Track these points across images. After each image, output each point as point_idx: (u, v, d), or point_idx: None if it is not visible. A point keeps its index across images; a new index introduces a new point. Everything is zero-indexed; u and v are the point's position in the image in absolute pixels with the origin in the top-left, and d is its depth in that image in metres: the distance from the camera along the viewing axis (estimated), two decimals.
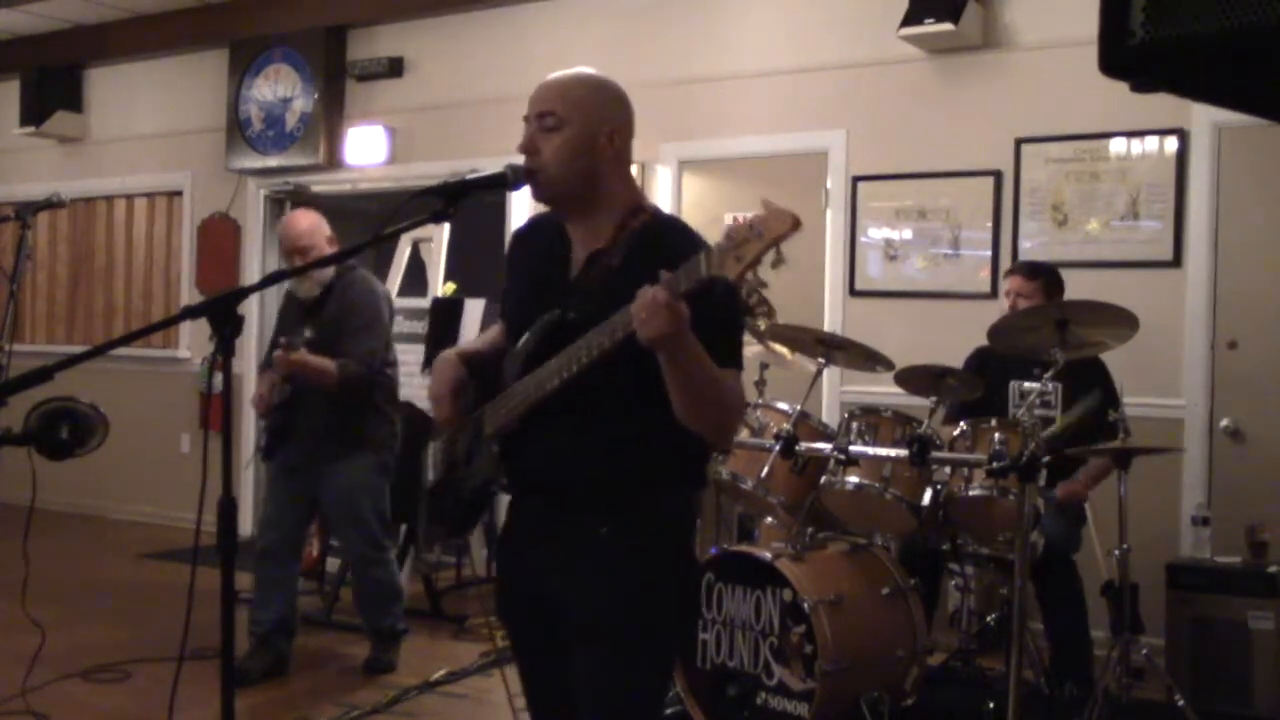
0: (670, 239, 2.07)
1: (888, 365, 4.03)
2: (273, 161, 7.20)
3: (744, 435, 3.98)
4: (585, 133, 2.06)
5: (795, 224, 1.76)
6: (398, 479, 4.91)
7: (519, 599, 2.21)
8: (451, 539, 5.82)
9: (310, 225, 4.37)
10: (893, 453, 3.76)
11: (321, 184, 7.16)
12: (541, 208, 2.20)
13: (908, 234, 5.39)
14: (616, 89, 2.15)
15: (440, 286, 6.44)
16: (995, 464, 3.50)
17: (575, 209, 2.12)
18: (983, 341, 4.14)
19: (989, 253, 5.18)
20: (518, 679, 2.39)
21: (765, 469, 3.83)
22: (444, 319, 5.94)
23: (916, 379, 3.98)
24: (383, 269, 6.83)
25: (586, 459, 2.05)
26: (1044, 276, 4.36)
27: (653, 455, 2.06)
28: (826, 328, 5.26)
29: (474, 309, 5.96)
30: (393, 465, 4.60)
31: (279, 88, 7.17)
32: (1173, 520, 4.72)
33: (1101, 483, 4.25)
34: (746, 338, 4.17)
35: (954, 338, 4.73)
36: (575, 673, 2.09)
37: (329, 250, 4.32)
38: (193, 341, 7.61)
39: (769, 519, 4.17)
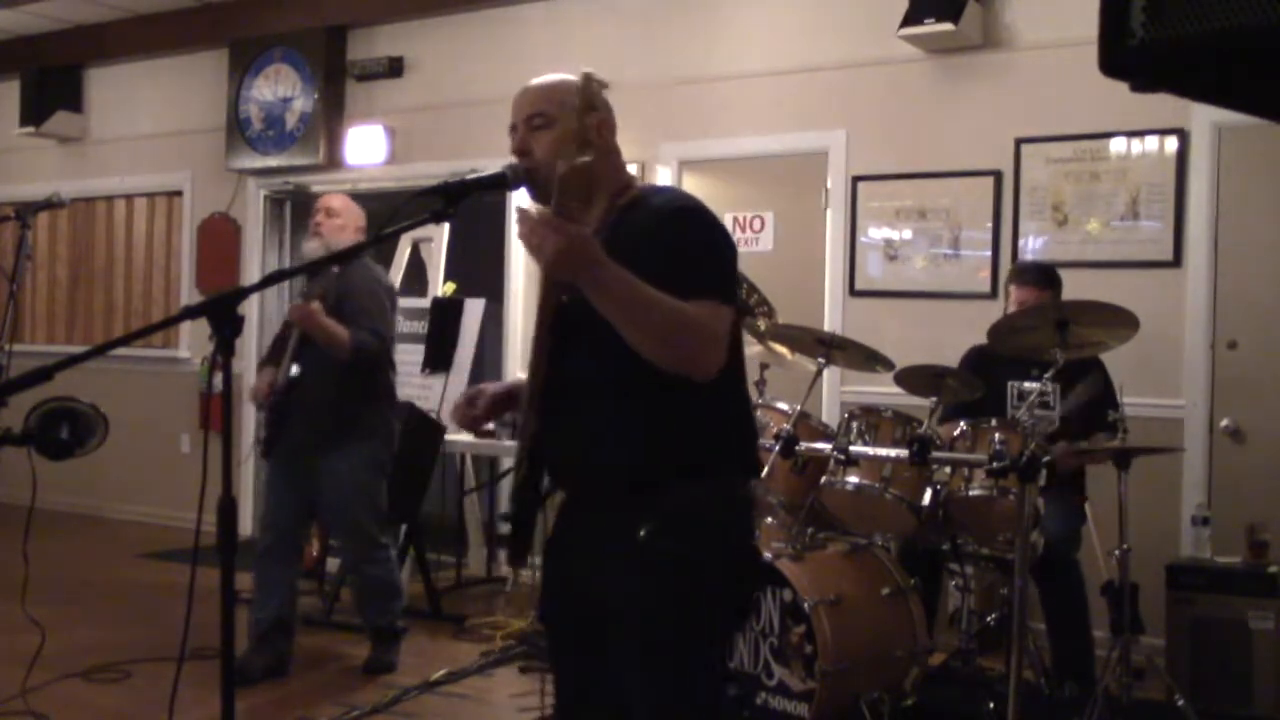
0: (649, 202, 2.09)
1: (888, 365, 4.03)
2: (273, 161, 7.21)
3: None
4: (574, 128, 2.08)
5: (584, 81, 1.93)
6: (401, 479, 4.90)
7: (561, 606, 2.20)
8: (515, 567, 5.82)
9: (346, 202, 4.55)
10: (893, 453, 3.76)
11: (321, 184, 7.16)
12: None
13: (908, 234, 5.39)
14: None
15: (440, 286, 6.44)
16: (995, 464, 3.50)
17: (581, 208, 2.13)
18: (982, 341, 4.13)
19: (989, 253, 5.18)
20: (518, 680, 2.38)
21: (765, 469, 3.83)
22: (444, 319, 5.94)
23: (916, 379, 3.98)
24: (383, 269, 6.83)
25: (616, 444, 2.03)
26: (1056, 286, 4.33)
27: (687, 438, 2.02)
28: (826, 328, 5.26)
29: (474, 309, 5.96)
30: (388, 463, 4.59)
31: (279, 88, 7.17)
32: (1173, 520, 4.72)
33: (1098, 466, 4.23)
34: (746, 338, 4.17)
35: (954, 338, 4.73)
36: (623, 683, 2.06)
37: (354, 231, 4.47)
38: (193, 341, 7.61)
39: (769, 519, 4.17)
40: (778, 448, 3.84)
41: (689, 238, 2.03)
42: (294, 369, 4.29)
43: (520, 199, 6.91)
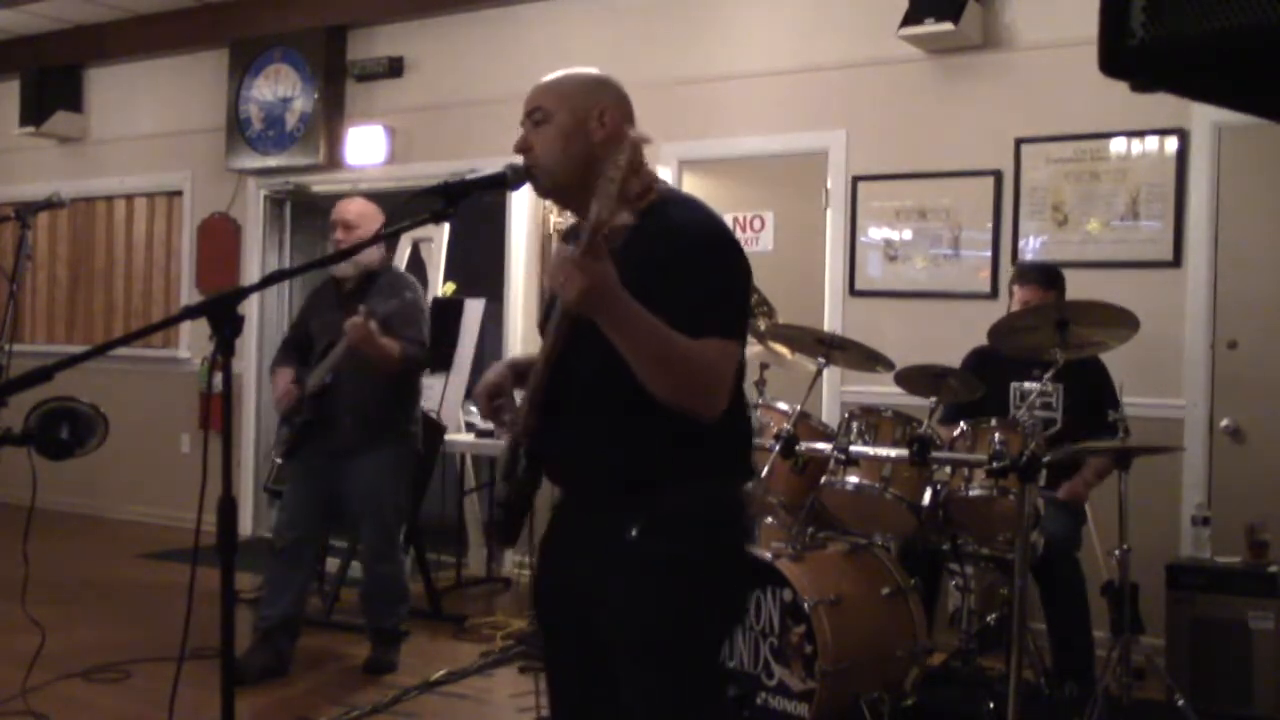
0: (670, 217, 2.04)
1: (888, 365, 4.03)
2: (273, 161, 7.21)
3: None
4: (574, 119, 2.07)
5: (635, 144, 1.81)
6: None
7: (554, 606, 2.20)
8: (504, 547, 5.89)
9: (362, 209, 4.48)
10: (893, 453, 3.76)
11: (321, 184, 7.17)
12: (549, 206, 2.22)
13: (908, 234, 5.39)
14: (603, 76, 2.18)
15: (440, 286, 6.44)
16: (995, 464, 3.49)
17: (579, 199, 2.12)
18: (982, 341, 4.14)
19: (989, 253, 5.18)
20: (518, 680, 2.37)
21: (765, 469, 3.83)
22: (444, 319, 5.94)
23: (916, 379, 3.98)
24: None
25: (608, 449, 2.04)
26: (1059, 286, 4.34)
27: (684, 441, 2.02)
28: (826, 328, 5.26)
29: (474, 309, 5.96)
30: (412, 464, 4.63)
31: (279, 88, 7.17)
32: (1173, 520, 4.72)
33: (1103, 481, 4.25)
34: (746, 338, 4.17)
35: (954, 338, 4.73)
36: (619, 684, 2.06)
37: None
38: (193, 341, 7.61)
39: (769, 519, 4.17)
40: (778, 448, 3.84)
41: (708, 272, 2.00)
42: (328, 376, 4.31)
43: (520, 199, 6.87)
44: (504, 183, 2.11)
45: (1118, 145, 4.91)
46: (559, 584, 2.18)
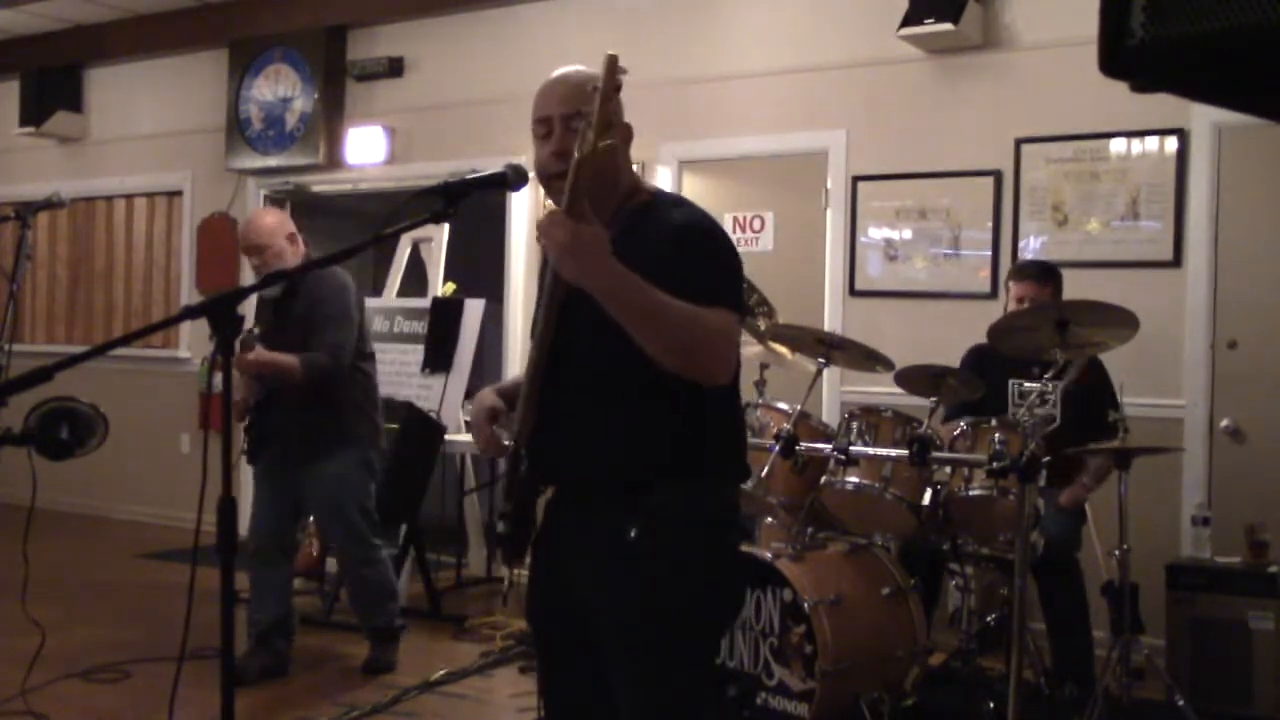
0: (667, 215, 2.07)
1: (888, 365, 4.03)
2: (273, 161, 7.21)
3: None
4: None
5: (611, 64, 1.83)
6: (398, 479, 4.88)
7: (548, 605, 2.20)
8: (514, 566, 5.83)
9: (267, 226, 4.36)
10: (893, 453, 3.76)
11: (321, 184, 7.17)
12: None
13: (908, 234, 5.39)
14: None
15: (440, 286, 6.43)
16: (995, 464, 3.50)
17: (592, 204, 2.12)
18: (982, 340, 4.13)
19: (989, 253, 5.18)
20: (518, 680, 2.37)
21: (765, 469, 3.83)
22: (444, 319, 5.94)
23: (916, 379, 3.98)
24: (383, 269, 6.83)
25: (606, 448, 2.04)
26: (1055, 281, 4.34)
27: (680, 440, 2.03)
28: (826, 328, 5.26)
29: (474, 309, 5.96)
30: (377, 462, 4.58)
31: (279, 88, 7.17)
32: (1173, 520, 4.72)
33: (1102, 484, 4.25)
34: (746, 338, 4.17)
35: (954, 338, 4.73)
36: (611, 683, 2.06)
37: (288, 249, 4.33)
38: (193, 341, 7.61)
39: (769, 519, 4.17)
40: (778, 448, 3.83)
41: (711, 257, 2.03)
42: (261, 390, 4.31)
43: (521, 199, 6.85)
44: (504, 183, 2.10)
45: (1118, 145, 4.91)
46: (555, 583, 2.18)
